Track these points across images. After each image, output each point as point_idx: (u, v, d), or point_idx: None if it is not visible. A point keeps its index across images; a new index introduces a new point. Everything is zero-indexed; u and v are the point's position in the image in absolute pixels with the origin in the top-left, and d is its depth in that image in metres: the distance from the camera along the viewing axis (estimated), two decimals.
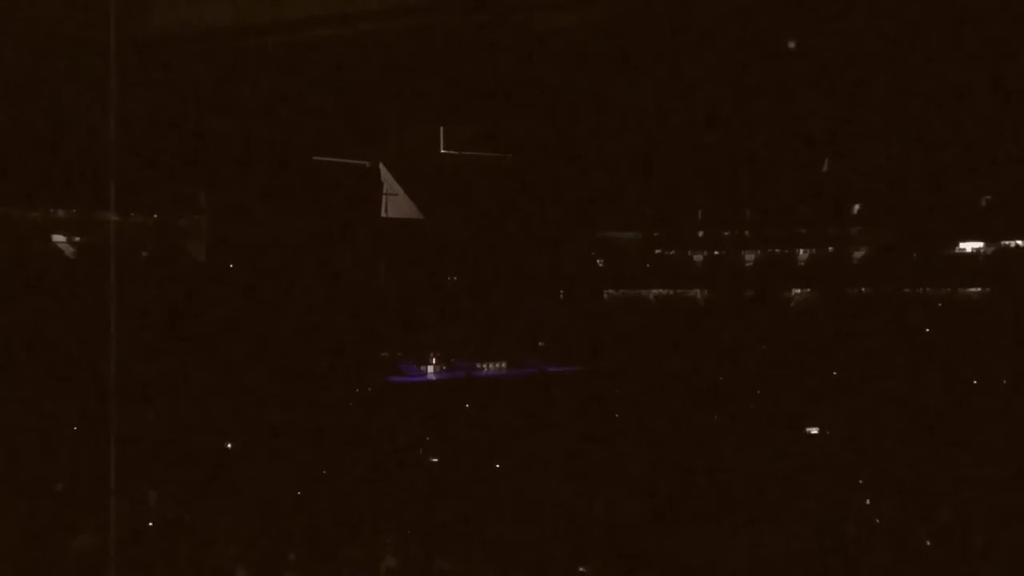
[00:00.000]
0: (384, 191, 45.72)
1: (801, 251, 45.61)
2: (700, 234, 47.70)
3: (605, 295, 48.46)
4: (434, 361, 41.58)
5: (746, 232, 46.59)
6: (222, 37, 26.50)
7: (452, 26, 26.83)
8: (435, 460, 27.92)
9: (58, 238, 37.74)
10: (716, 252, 46.96)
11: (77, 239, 37.69)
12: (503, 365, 43.16)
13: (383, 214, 45.69)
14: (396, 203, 46.17)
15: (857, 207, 45.29)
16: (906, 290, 42.47)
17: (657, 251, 48.31)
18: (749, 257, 46.37)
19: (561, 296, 48.21)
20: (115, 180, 35.94)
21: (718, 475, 25.54)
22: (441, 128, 46.93)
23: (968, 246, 43.30)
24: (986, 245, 42.85)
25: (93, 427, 26.46)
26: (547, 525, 21.14)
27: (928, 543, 18.77)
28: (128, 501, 20.00)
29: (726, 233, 46.91)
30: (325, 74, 33.45)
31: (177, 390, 31.07)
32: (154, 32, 25.92)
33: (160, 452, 25.64)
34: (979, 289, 42.14)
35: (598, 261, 49.22)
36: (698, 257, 47.47)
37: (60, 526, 17.69)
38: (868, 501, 22.57)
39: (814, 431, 32.00)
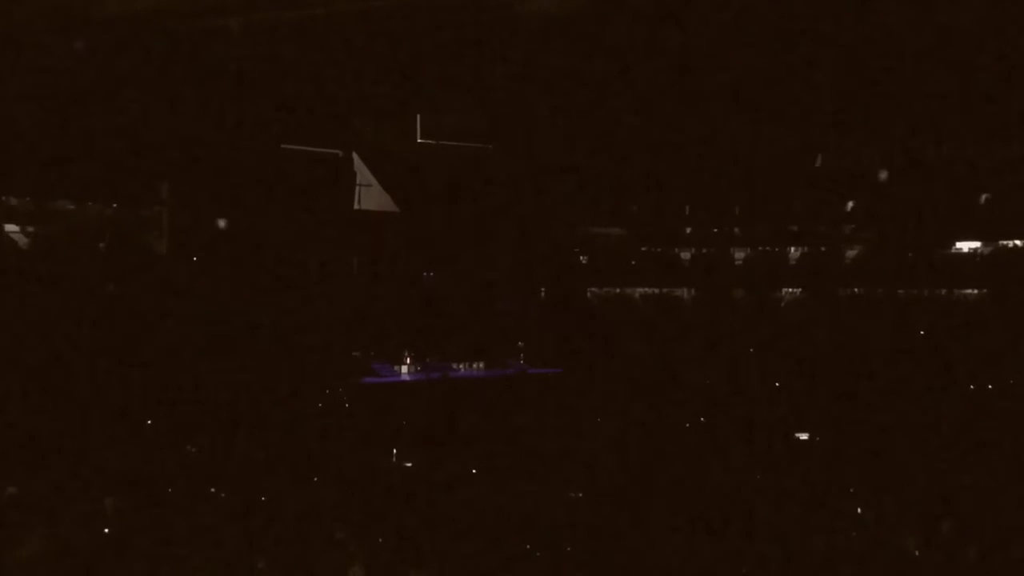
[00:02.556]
0: (357, 182, 45.52)
1: (792, 249, 45.75)
2: (688, 231, 47.78)
3: (588, 293, 48.45)
4: (408, 361, 41.43)
5: (735, 229, 46.70)
6: (180, 17, 26.33)
7: (429, 8, 26.78)
8: (408, 465, 27.92)
9: (10, 227, 37.41)
10: (704, 250, 47.05)
11: (30, 229, 37.37)
12: (481, 366, 43.05)
13: (356, 206, 45.49)
14: (370, 195, 45.99)
15: (851, 204, 45.52)
16: (901, 291, 42.75)
17: (643, 248, 48.33)
18: (738, 255, 46.50)
19: (543, 294, 48.16)
20: (71, 167, 35.73)
21: (702, 483, 25.66)
22: (418, 116, 46.76)
23: (965, 246, 43.62)
24: (984, 245, 43.18)
25: (44, 430, 26.35)
26: (525, 535, 21.17)
27: (918, 554, 18.94)
28: (84, 507, 19.94)
29: (715, 230, 46.99)
30: (294, 57, 33.32)
31: (133, 391, 30.87)
32: (109, 12, 25.72)
33: (117, 456, 25.53)
34: (977, 291, 42.46)
35: (581, 258, 49.19)
36: (685, 255, 47.53)
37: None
38: (859, 510, 22.76)
39: (803, 437, 32.19)
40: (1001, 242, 42.79)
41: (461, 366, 42.65)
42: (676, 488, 24.70)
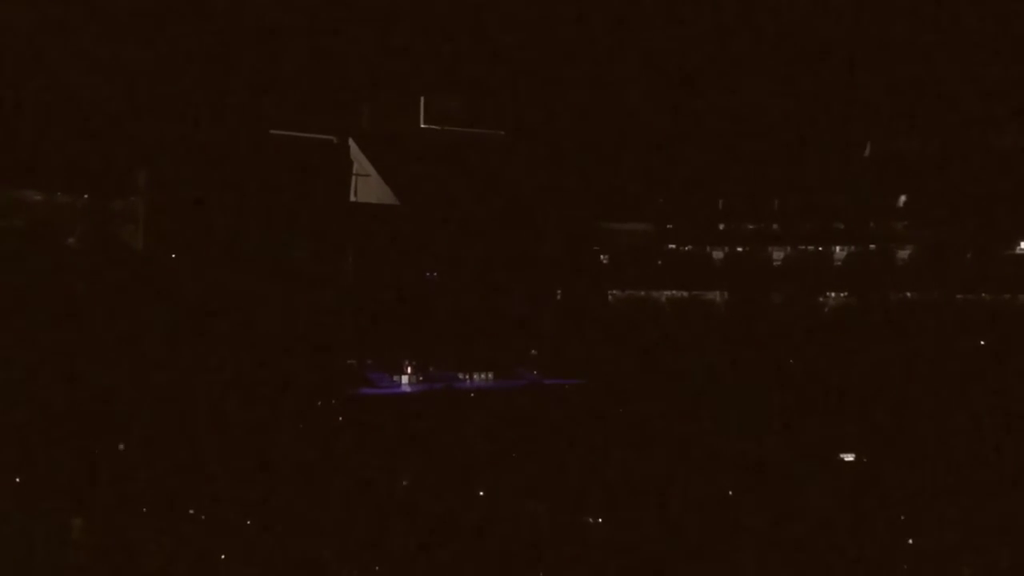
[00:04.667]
0: (354, 171, 45.61)
1: (837, 249, 45.63)
2: (720, 227, 47.73)
3: (609, 296, 48.46)
4: (409, 370, 41.50)
5: (774, 225, 46.62)
6: None
7: None
8: (405, 483, 27.96)
9: None
10: (739, 248, 46.98)
11: None
12: (490, 376, 43.13)
13: (352, 198, 45.58)
14: (367, 185, 46.10)
15: (903, 199, 45.36)
16: (959, 296, 42.56)
17: (670, 246, 48.28)
18: (777, 255, 46.40)
19: (558, 296, 48.19)
20: (38, 154, 35.67)
21: (737, 505, 25.60)
22: (422, 98, 46.83)
23: None
24: None
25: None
26: (535, 564, 21.18)
27: None
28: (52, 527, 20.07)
29: (751, 226, 46.93)
30: (284, 32, 33.37)
31: (102, 401, 30.99)
32: None
33: (89, 474, 25.65)
34: None
35: (602, 256, 49.18)
36: (718, 254, 47.47)
37: None
38: (911, 541, 22.68)
39: (849, 458, 32.11)
40: None
41: (468, 376, 42.87)
42: (707, 516, 24.66)
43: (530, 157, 47.10)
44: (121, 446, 27.74)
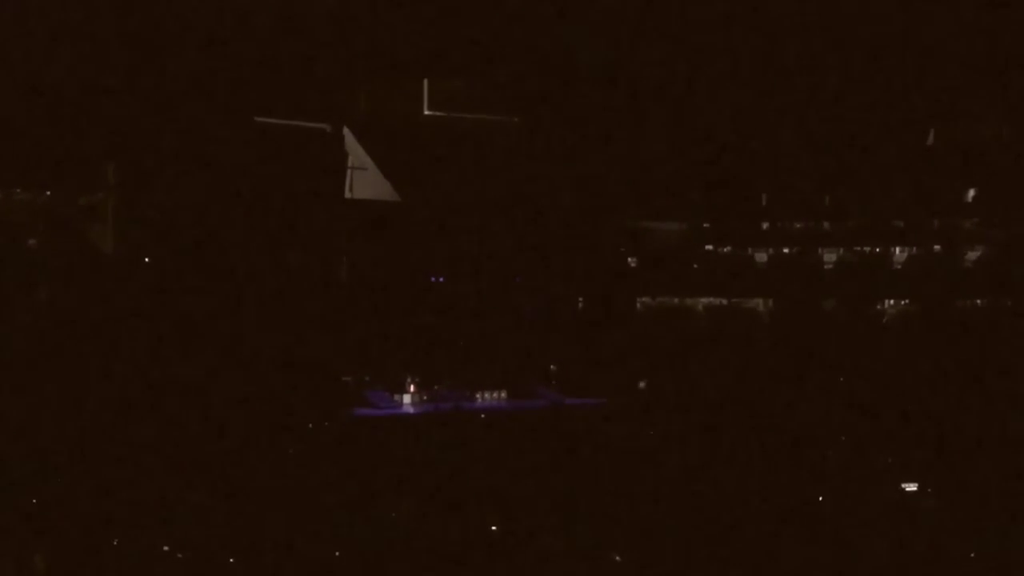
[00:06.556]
0: (349, 164, 45.72)
1: (897, 250, 45.52)
2: (764, 226, 47.69)
3: (638, 304, 48.45)
4: (412, 388, 41.47)
5: (825, 224, 46.55)
6: None
7: None
8: (407, 515, 28.02)
9: None
10: (785, 250, 46.92)
11: None
12: (503, 395, 43.07)
13: (347, 194, 45.66)
14: (365, 180, 46.17)
15: (972, 193, 45.20)
16: None
17: (707, 247, 48.26)
18: (828, 257, 46.33)
19: (580, 305, 48.19)
20: None
21: (781, 543, 25.50)
22: (425, 82, 46.92)
23: None
24: None
25: None
26: None
27: None
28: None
29: (798, 225, 46.87)
30: (272, 8, 33.50)
31: (67, 422, 31.12)
32: None
33: (52, 508, 25.79)
34: None
35: (629, 259, 49.18)
36: (761, 256, 47.43)
37: None
38: None
39: (912, 488, 31.99)
40: None
41: (479, 396, 42.80)
42: (748, 555, 24.57)
43: (548, 147, 47.07)
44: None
